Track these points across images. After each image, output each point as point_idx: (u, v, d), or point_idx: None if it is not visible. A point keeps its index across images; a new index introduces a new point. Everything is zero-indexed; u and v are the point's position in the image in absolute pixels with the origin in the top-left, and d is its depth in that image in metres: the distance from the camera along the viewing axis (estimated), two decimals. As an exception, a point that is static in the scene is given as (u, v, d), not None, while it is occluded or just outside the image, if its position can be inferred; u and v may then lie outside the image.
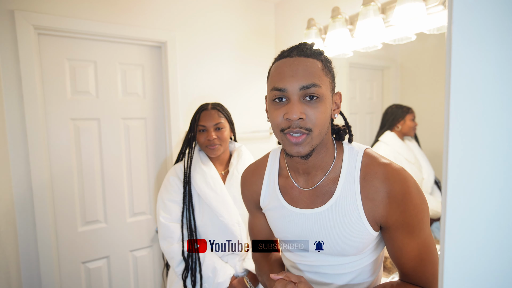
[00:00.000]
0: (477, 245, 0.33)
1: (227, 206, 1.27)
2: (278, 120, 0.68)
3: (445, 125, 0.33)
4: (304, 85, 0.65)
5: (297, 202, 0.76)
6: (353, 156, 0.73)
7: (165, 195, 1.33)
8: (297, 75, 0.65)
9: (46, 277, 1.47)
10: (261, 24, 2.04)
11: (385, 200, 0.67)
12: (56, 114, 1.51)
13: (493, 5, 0.30)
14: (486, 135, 0.31)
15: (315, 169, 0.74)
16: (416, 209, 0.66)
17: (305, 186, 0.76)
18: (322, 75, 0.67)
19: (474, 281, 0.33)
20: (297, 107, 0.65)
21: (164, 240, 1.30)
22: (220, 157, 1.38)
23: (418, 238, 0.67)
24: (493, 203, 0.32)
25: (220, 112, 1.35)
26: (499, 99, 0.31)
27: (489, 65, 0.31)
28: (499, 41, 0.30)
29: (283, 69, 0.67)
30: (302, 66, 0.66)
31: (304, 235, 0.75)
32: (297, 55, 0.68)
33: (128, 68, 1.68)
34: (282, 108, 0.67)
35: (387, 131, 1.43)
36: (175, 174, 1.35)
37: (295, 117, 0.64)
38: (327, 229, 0.72)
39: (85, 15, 1.50)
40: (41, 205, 1.44)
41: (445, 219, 0.33)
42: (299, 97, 0.65)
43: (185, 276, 1.26)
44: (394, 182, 0.66)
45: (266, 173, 0.84)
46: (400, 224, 0.67)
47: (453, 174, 0.33)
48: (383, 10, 1.31)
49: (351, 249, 0.71)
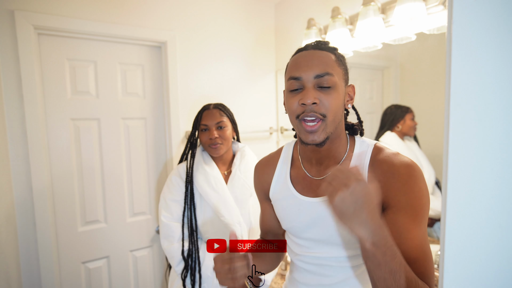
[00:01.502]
0: (477, 245, 0.33)
1: (228, 206, 1.28)
2: (294, 107, 0.72)
3: (445, 125, 0.33)
4: (318, 74, 0.69)
5: (308, 191, 0.78)
6: (363, 148, 0.76)
7: (167, 195, 1.34)
8: (312, 65, 0.70)
9: (46, 277, 1.47)
10: (261, 24, 2.04)
11: (390, 180, 0.69)
12: (56, 114, 1.51)
13: (492, 5, 0.30)
14: (486, 135, 0.31)
15: (328, 159, 0.77)
16: (421, 192, 0.66)
17: (317, 176, 0.79)
18: (335, 66, 0.72)
19: (474, 281, 0.33)
20: (311, 93, 0.69)
21: (165, 240, 1.30)
22: (223, 157, 1.38)
23: (420, 227, 0.66)
24: (493, 203, 0.32)
25: (222, 111, 1.36)
26: (499, 99, 0.31)
27: (489, 65, 0.31)
28: (499, 41, 0.30)
29: (299, 60, 0.73)
30: (317, 57, 0.71)
31: (312, 223, 0.77)
32: (312, 48, 0.74)
33: (128, 68, 1.68)
34: (298, 95, 0.72)
35: (388, 131, 1.43)
36: (177, 173, 1.36)
37: (309, 102, 0.68)
38: (333, 217, 0.72)
39: (85, 15, 1.50)
40: (41, 205, 1.44)
41: (445, 219, 0.33)
42: (313, 85, 0.70)
43: (185, 276, 1.26)
44: (401, 166, 0.69)
45: (279, 164, 0.88)
46: (403, 205, 0.67)
47: (453, 174, 0.33)
48: (383, 10, 1.31)
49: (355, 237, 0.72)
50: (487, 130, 0.31)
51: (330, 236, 0.75)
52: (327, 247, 0.77)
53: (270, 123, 2.12)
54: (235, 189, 1.32)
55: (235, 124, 1.42)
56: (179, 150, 1.78)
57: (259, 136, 2.06)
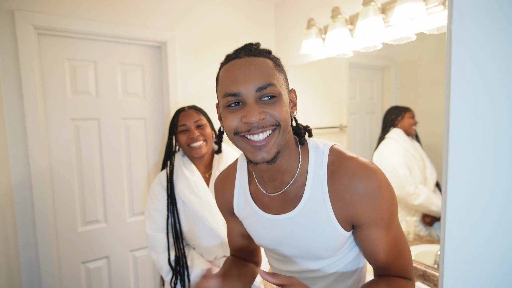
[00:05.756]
0: (477, 245, 0.33)
1: (211, 209, 1.25)
2: (233, 124, 0.63)
3: (445, 125, 0.33)
4: (260, 86, 0.60)
5: (270, 208, 0.73)
6: (318, 155, 0.69)
7: (150, 205, 1.31)
8: (251, 77, 0.61)
9: (46, 277, 1.47)
10: (261, 24, 2.04)
11: (355, 198, 0.64)
12: (56, 114, 1.51)
13: (493, 5, 0.30)
14: (486, 135, 0.31)
15: (281, 174, 0.70)
16: (387, 202, 0.64)
17: (273, 192, 0.72)
18: (276, 74, 0.64)
19: (474, 281, 0.33)
20: (255, 109, 0.60)
21: (152, 251, 1.30)
22: (204, 158, 1.33)
23: (392, 231, 0.66)
24: (493, 203, 0.32)
25: (198, 111, 1.33)
26: (499, 98, 0.31)
27: (489, 65, 0.31)
28: (498, 41, 0.30)
29: (234, 72, 0.62)
30: (254, 66, 0.62)
31: (280, 241, 0.73)
32: (246, 56, 0.64)
33: (128, 68, 1.68)
34: (239, 111, 0.62)
35: (393, 128, 1.43)
36: (159, 183, 1.32)
37: (254, 120, 0.60)
38: (300, 233, 0.69)
39: (85, 15, 1.50)
40: (41, 205, 1.44)
41: (445, 219, 0.33)
42: (255, 99, 0.61)
43: (175, 283, 1.26)
44: (362, 178, 0.63)
45: (237, 180, 0.80)
46: (373, 220, 0.65)
47: (453, 174, 0.33)
48: (383, 10, 1.31)
49: (326, 251, 0.70)
50: (487, 130, 0.31)
51: (302, 252, 0.72)
52: (300, 261, 0.75)
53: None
54: None
55: (212, 124, 1.38)
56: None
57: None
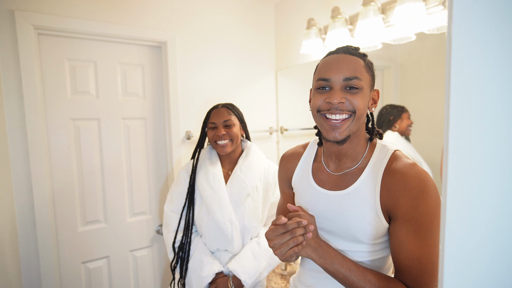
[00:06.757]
0: (477, 245, 0.33)
1: (221, 203, 1.30)
2: (318, 103, 0.77)
3: (445, 125, 0.33)
4: (347, 77, 0.73)
5: (325, 184, 0.84)
6: (383, 151, 0.79)
7: (174, 187, 1.44)
8: (342, 68, 0.74)
9: (46, 277, 1.47)
10: (261, 24, 2.04)
11: (401, 191, 0.69)
12: (56, 114, 1.51)
13: (493, 5, 0.30)
14: (486, 135, 0.31)
15: (346, 157, 0.82)
16: (428, 208, 0.66)
17: (335, 171, 0.84)
18: (364, 71, 0.76)
19: (474, 281, 0.33)
20: (338, 94, 0.73)
21: (165, 228, 1.41)
22: (230, 155, 1.42)
23: (423, 240, 0.66)
24: (493, 203, 0.32)
25: (230, 110, 1.40)
26: (499, 99, 0.31)
27: (489, 65, 0.31)
28: (499, 41, 0.30)
29: (329, 63, 0.77)
30: (347, 61, 0.75)
31: (324, 214, 0.81)
32: (342, 52, 0.77)
33: (128, 68, 1.68)
34: (325, 94, 0.76)
35: (388, 131, 1.42)
36: (185, 168, 1.45)
37: (336, 101, 0.72)
38: (345, 212, 0.77)
39: (85, 15, 1.50)
40: (41, 205, 1.44)
41: (445, 219, 0.33)
42: (341, 87, 0.74)
43: (174, 267, 1.34)
44: (414, 177, 0.69)
45: (303, 156, 0.94)
46: (408, 218, 0.68)
47: (453, 174, 0.33)
48: (383, 10, 1.31)
49: (363, 235, 0.75)
50: (487, 130, 0.31)
51: (340, 229, 0.78)
52: (335, 238, 0.80)
53: (270, 123, 2.12)
54: (233, 188, 1.33)
55: (244, 123, 1.45)
56: (179, 150, 1.78)
57: (259, 136, 2.06)
